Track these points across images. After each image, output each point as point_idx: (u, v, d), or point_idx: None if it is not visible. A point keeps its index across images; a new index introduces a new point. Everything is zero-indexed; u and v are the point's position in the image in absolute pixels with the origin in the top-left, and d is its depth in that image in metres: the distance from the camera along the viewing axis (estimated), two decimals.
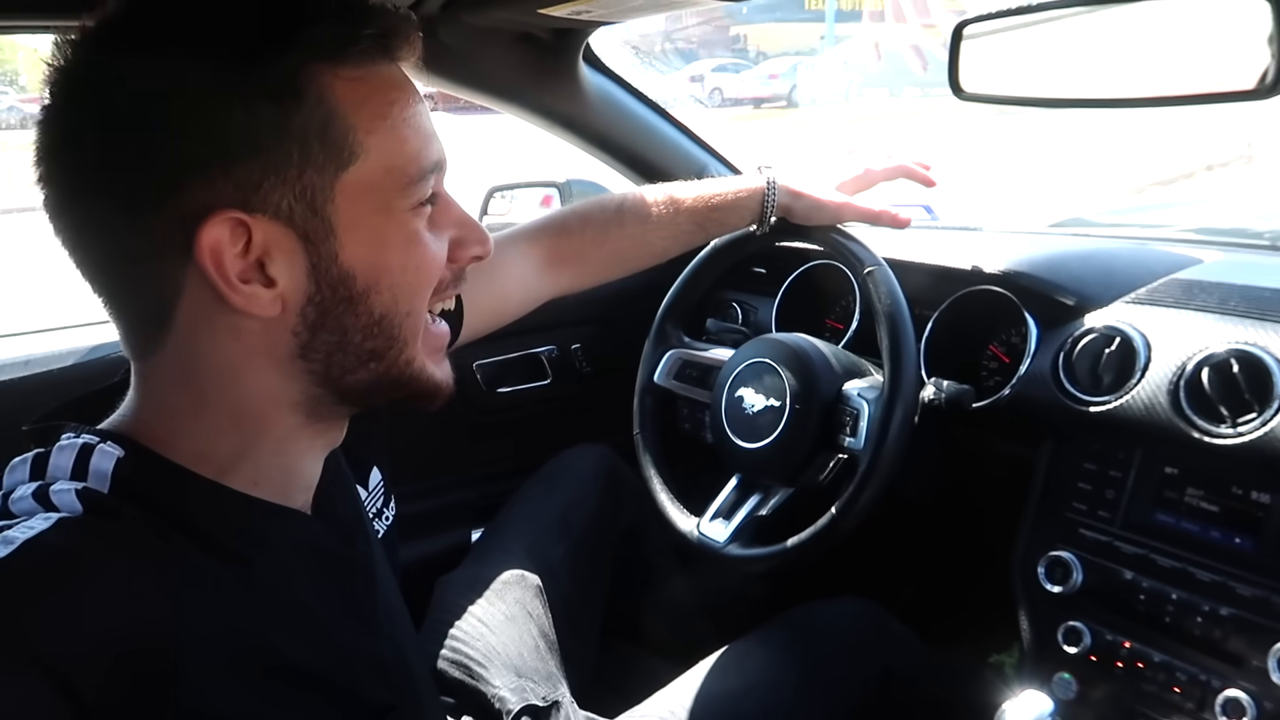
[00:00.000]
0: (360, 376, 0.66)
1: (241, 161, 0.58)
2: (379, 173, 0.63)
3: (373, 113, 0.62)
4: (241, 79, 0.58)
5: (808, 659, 1.21)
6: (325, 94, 0.60)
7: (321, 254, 0.62)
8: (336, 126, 0.60)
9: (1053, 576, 1.09)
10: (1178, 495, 1.04)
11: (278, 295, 0.61)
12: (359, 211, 0.62)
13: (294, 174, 0.59)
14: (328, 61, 0.60)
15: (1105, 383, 1.11)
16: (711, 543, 1.24)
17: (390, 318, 0.66)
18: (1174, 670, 1.00)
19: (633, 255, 1.25)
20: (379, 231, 0.64)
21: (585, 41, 1.42)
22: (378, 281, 0.64)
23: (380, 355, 0.66)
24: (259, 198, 0.59)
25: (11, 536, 0.53)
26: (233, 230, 0.58)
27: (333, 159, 0.61)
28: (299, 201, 0.60)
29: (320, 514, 0.74)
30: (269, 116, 0.58)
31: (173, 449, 0.62)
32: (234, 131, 0.57)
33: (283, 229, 0.60)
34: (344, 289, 0.63)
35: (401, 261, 0.65)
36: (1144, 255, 1.38)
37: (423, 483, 1.63)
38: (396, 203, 0.64)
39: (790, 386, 1.22)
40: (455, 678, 1.14)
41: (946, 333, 1.32)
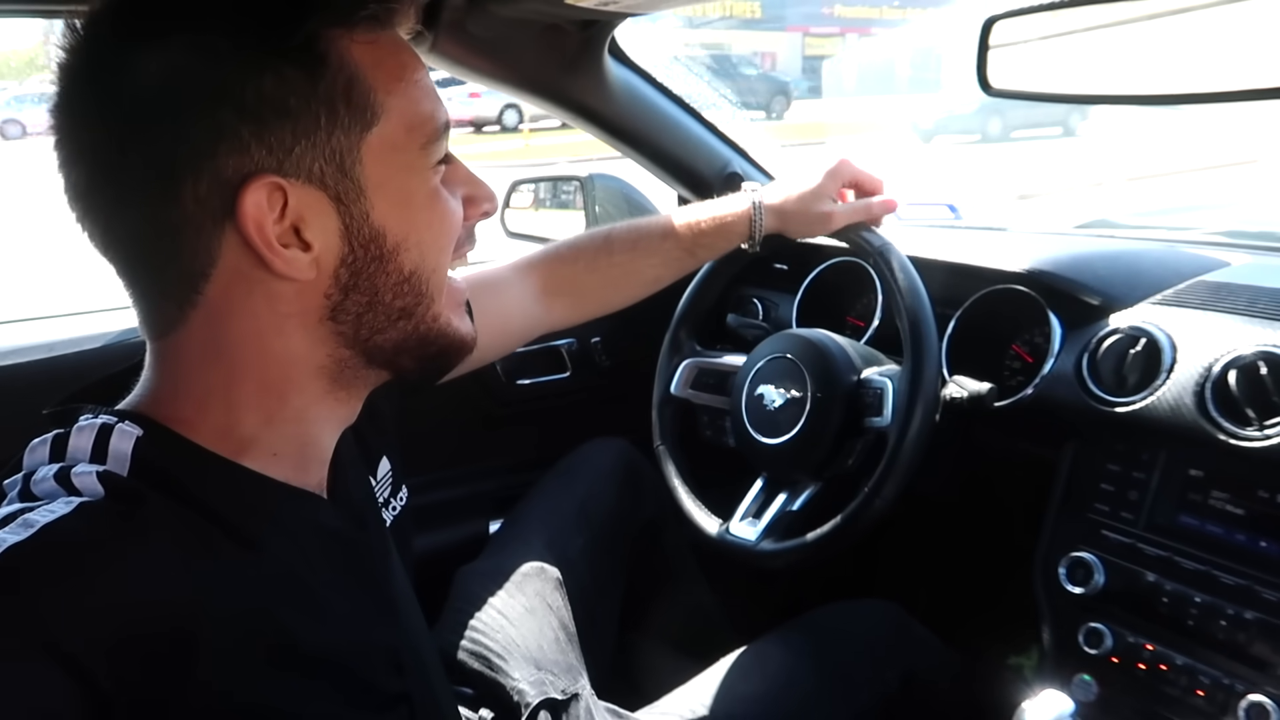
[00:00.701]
0: (390, 336, 0.68)
1: (273, 127, 0.59)
2: (400, 132, 0.65)
3: (389, 74, 0.64)
4: (267, 46, 0.59)
5: (829, 661, 1.21)
6: (345, 58, 0.62)
7: (353, 215, 0.64)
8: (359, 89, 0.62)
9: (1074, 578, 1.09)
10: (1202, 498, 1.03)
11: (314, 258, 0.63)
12: (385, 171, 0.64)
13: (323, 137, 0.61)
14: (344, 26, 0.61)
15: (1130, 383, 1.10)
16: (742, 542, 1.23)
17: (419, 273, 0.68)
18: (1197, 674, 0.99)
19: (625, 284, 1.26)
20: (405, 189, 0.66)
21: (611, 34, 1.42)
22: (406, 238, 0.66)
23: (409, 312, 0.68)
24: (291, 162, 0.60)
25: (32, 520, 0.53)
26: (270, 195, 0.60)
27: (358, 120, 0.62)
28: (329, 164, 0.62)
29: (334, 497, 0.74)
30: (297, 81, 0.59)
31: (192, 427, 0.63)
32: (264, 97, 0.58)
33: (316, 192, 0.62)
34: (375, 248, 0.65)
35: (427, 217, 0.68)
36: (1170, 256, 1.37)
37: (442, 472, 1.64)
38: (418, 161, 0.67)
39: (810, 376, 1.21)
40: (474, 669, 1.15)
41: (969, 331, 1.31)
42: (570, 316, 1.25)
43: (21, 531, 0.52)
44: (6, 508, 0.55)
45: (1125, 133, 8.77)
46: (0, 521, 0.53)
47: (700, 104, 1.65)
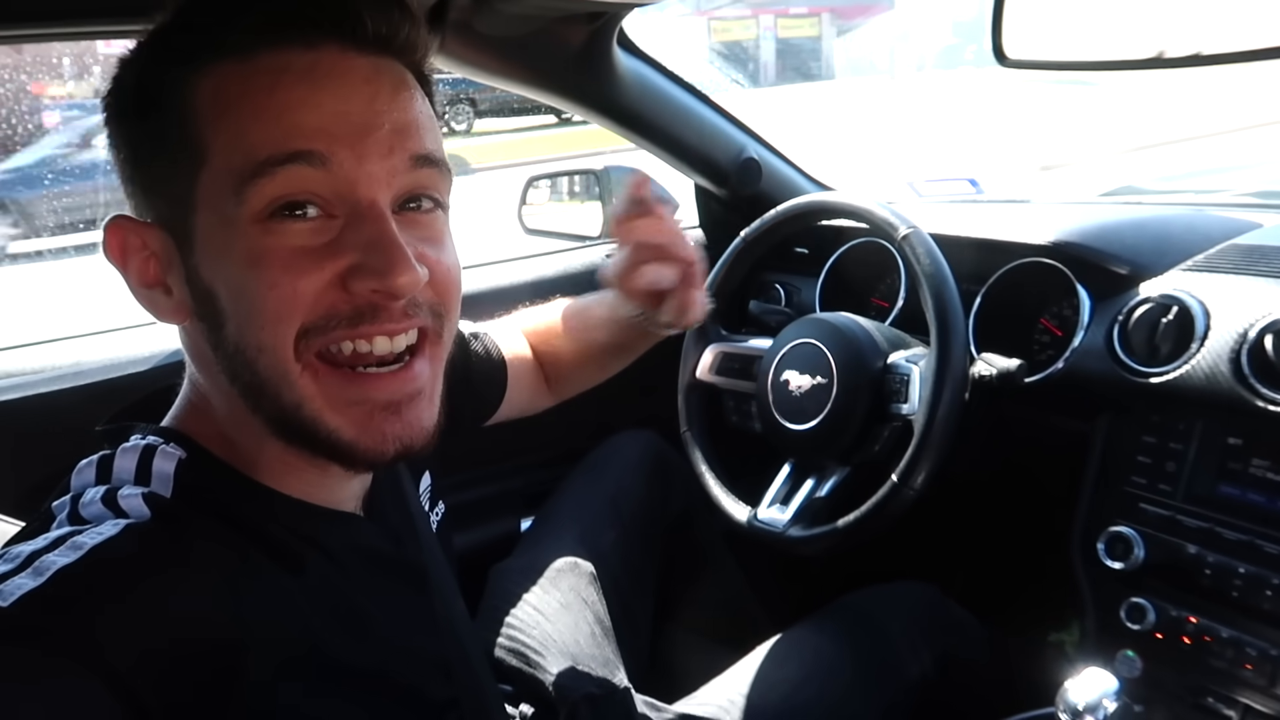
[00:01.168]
0: (262, 414, 0.61)
1: (138, 169, 0.61)
2: (221, 173, 0.57)
3: (223, 107, 0.57)
4: (140, 91, 0.61)
5: (865, 645, 1.20)
6: (187, 96, 0.58)
7: (189, 265, 0.60)
8: (190, 127, 0.58)
9: (1113, 552, 1.07)
10: (1242, 466, 1.01)
11: (177, 304, 0.62)
12: (209, 221, 0.58)
13: (167, 182, 0.60)
14: (193, 65, 0.59)
15: (1163, 353, 1.08)
16: (771, 529, 1.23)
17: (242, 350, 0.59)
18: (1243, 646, 0.97)
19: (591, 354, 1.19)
20: (221, 245, 0.58)
21: (619, 25, 1.41)
22: (227, 306, 0.58)
23: (257, 393, 0.60)
24: (149, 203, 0.61)
25: (80, 542, 0.53)
26: (130, 235, 0.61)
27: (187, 162, 0.58)
28: (175, 208, 0.60)
29: (371, 516, 0.74)
30: (148, 126, 0.60)
31: (228, 449, 0.63)
32: (130, 141, 0.61)
33: (165, 236, 0.61)
34: (208, 305, 0.59)
35: (239, 282, 0.58)
36: (1200, 221, 1.34)
37: (472, 472, 1.64)
38: (235, 210, 0.57)
39: (836, 362, 1.20)
40: (513, 666, 1.15)
41: (995, 307, 1.30)
42: (562, 394, 1.27)
43: (71, 554, 0.52)
44: (56, 530, 0.55)
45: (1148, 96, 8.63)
46: (51, 544, 0.53)
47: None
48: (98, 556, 0.53)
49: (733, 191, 1.70)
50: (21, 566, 0.52)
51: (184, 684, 0.53)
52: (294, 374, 0.59)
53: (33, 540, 0.54)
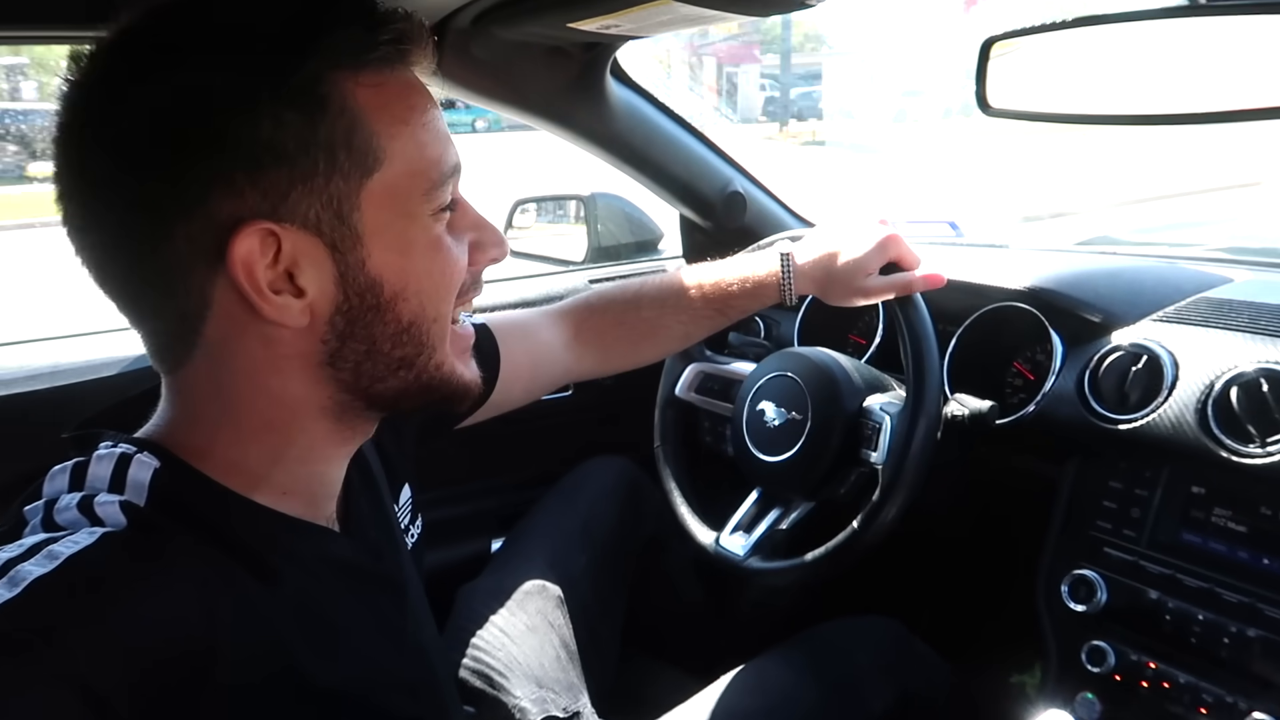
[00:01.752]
0: (390, 384, 0.67)
1: (269, 171, 0.57)
2: (402, 178, 0.63)
3: (394, 118, 0.62)
4: (266, 89, 0.57)
5: (829, 678, 1.21)
6: (348, 101, 0.59)
7: (349, 262, 0.61)
8: (360, 133, 0.60)
9: (1077, 595, 1.09)
10: (1205, 515, 1.03)
11: (307, 305, 0.61)
12: (384, 218, 0.62)
13: (321, 182, 0.59)
14: (348, 69, 0.60)
15: (1132, 401, 1.10)
16: (731, 555, 1.24)
17: (418, 324, 0.66)
18: (1200, 691, 0.98)
19: (654, 339, 1.23)
20: (404, 237, 0.64)
21: (613, 56, 1.43)
22: (405, 288, 0.64)
23: (410, 363, 0.67)
24: (287, 207, 0.58)
25: (56, 551, 0.53)
26: (263, 241, 0.58)
27: (358, 166, 0.60)
28: (326, 210, 0.60)
29: (348, 530, 0.74)
30: (295, 126, 0.57)
31: (206, 460, 0.63)
32: (260, 141, 0.57)
33: (311, 238, 0.60)
34: (371, 297, 0.63)
35: (427, 267, 0.65)
36: (1172, 273, 1.37)
37: (445, 490, 1.64)
38: (419, 208, 0.64)
39: (812, 400, 1.21)
40: (476, 687, 1.15)
41: (970, 349, 1.32)
42: (598, 367, 1.23)
43: (46, 564, 0.52)
44: (31, 538, 0.55)
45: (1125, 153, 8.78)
46: (26, 553, 0.53)
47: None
48: (73, 566, 0.52)
49: (718, 224, 1.72)
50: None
51: (157, 695, 0.52)
52: (449, 335, 0.69)
53: (6, 549, 0.54)
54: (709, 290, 1.18)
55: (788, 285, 1.16)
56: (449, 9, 1.18)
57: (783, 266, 1.16)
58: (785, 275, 1.16)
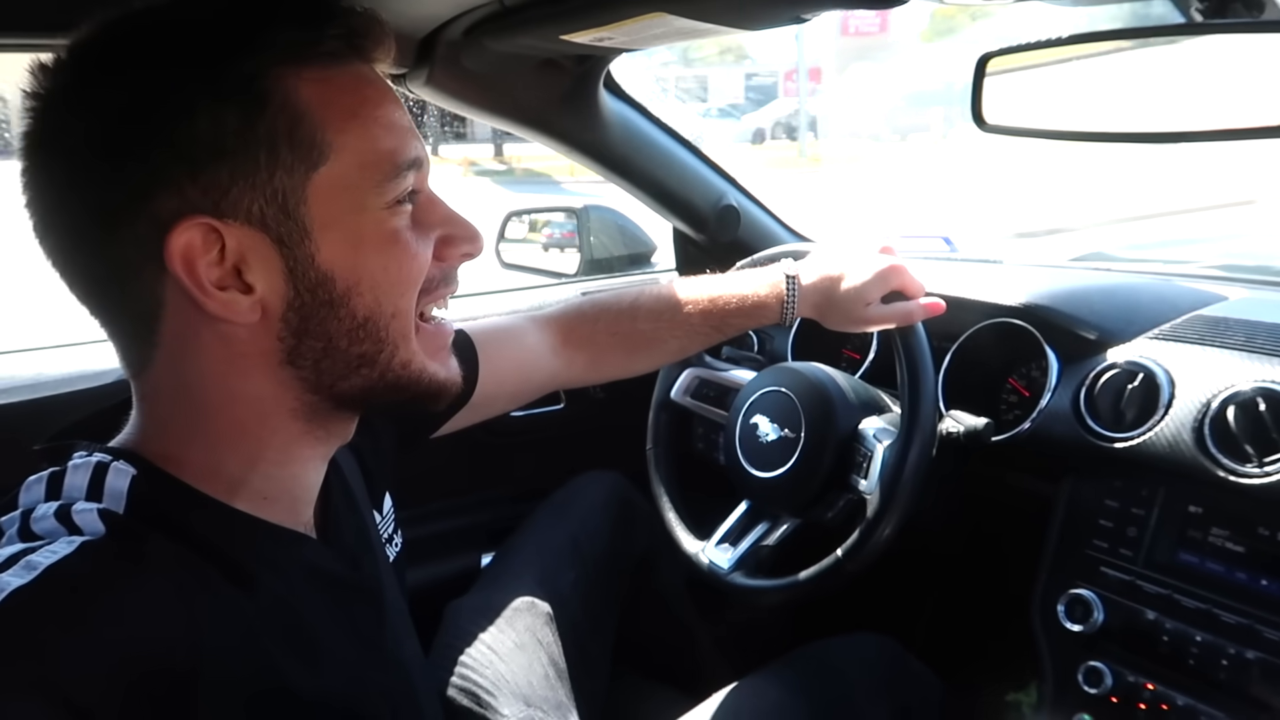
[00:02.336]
0: (354, 383, 0.66)
1: (208, 169, 0.58)
2: (352, 171, 0.62)
3: (343, 111, 0.62)
4: (204, 86, 0.58)
5: (823, 696, 1.19)
6: (290, 96, 0.60)
7: (297, 257, 0.61)
8: (304, 127, 0.60)
9: (1073, 615, 1.08)
10: (1202, 535, 1.02)
11: (256, 301, 0.61)
12: (333, 211, 0.62)
13: (264, 178, 0.59)
14: (290, 64, 0.60)
15: (1128, 419, 1.09)
16: (716, 568, 1.23)
17: (374, 320, 0.65)
18: (1197, 714, 0.97)
19: (646, 351, 1.21)
20: (355, 231, 0.63)
21: (606, 69, 1.42)
22: (358, 283, 0.64)
23: (371, 360, 0.66)
24: (229, 203, 0.59)
25: (35, 562, 0.52)
26: (204, 236, 0.58)
27: (302, 160, 0.60)
28: (270, 205, 0.60)
29: (326, 538, 0.73)
30: (233, 122, 0.58)
31: (181, 466, 0.62)
32: (199, 139, 0.58)
33: (256, 233, 0.60)
34: (323, 292, 0.63)
35: (381, 261, 0.64)
36: (1168, 290, 1.37)
37: (434, 504, 1.63)
38: (371, 200, 0.63)
39: (806, 419, 1.20)
40: (463, 705, 1.13)
41: (965, 365, 1.31)
42: (589, 374, 1.22)
43: (25, 574, 0.51)
44: (8, 548, 0.54)
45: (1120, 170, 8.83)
46: (3, 564, 0.52)
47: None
48: (52, 577, 0.52)
49: (711, 237, 1.72)
50: None
51: (140, 704, 0.52)
52: (413, 332, 0.68)
53: None
54: (706, 306, 1.18)
55: (790, 307, 1.16)
56: (440, 20, 1.17)
57: (788, 288, 1.16)
58: (790, 297, 1.16)
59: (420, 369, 0.69)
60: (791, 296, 1.16)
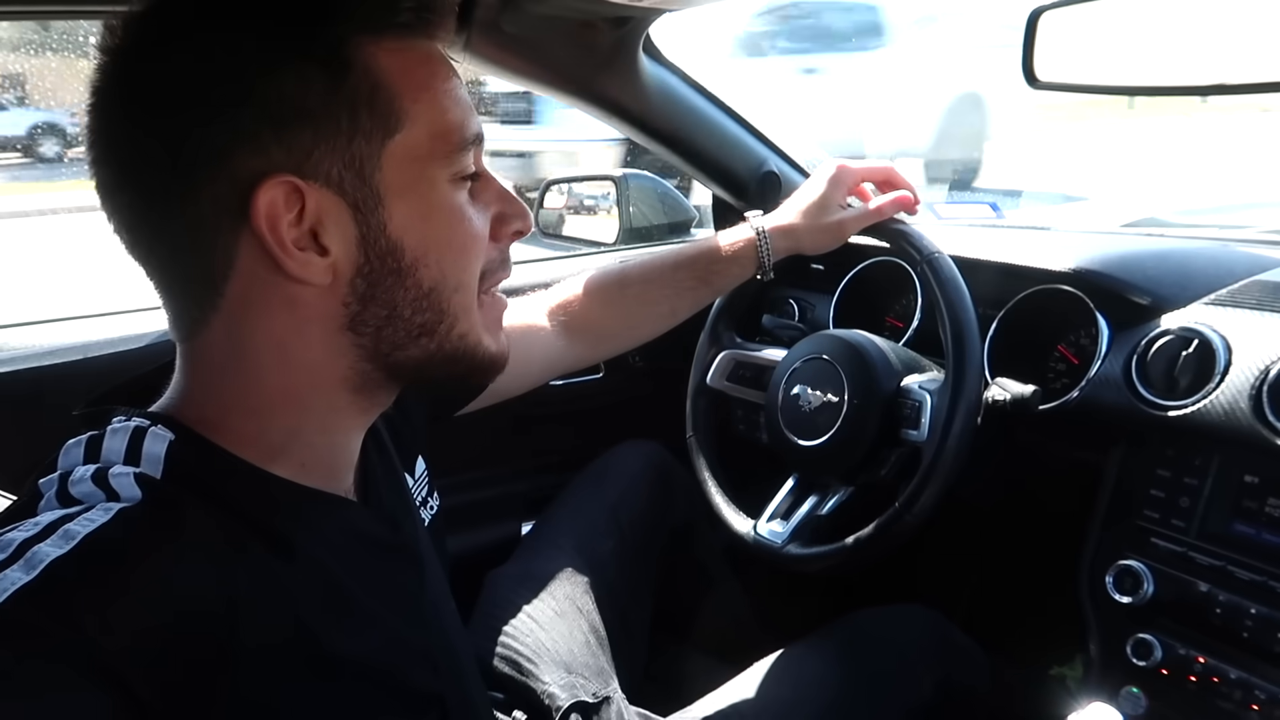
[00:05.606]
0: (412, 353, 0.67)
1: (293, 129, 0.59)
2: (424, 141, 0.63)
3: (417, 83, 0.63)
4: (292, 49, 0.59)
5: (864, 667, 1.18)
6: (371, 64, 0.61)
7: (370, 224, 0.62)
8: (383, 95, 0.61)
9: (1122, 586, 1.05)
10: (1258, 505, 0.99)
11: (330, 264, 0.62)
12: (405, 180, 0.63)
13: (343, 142, 0.60)
14: (371, 34, 0.61)
15: (1181, 386, 1.06)
16: (769, 543, 1.22)
17: (439, 291, 0.66)
18: (1252, 688, 0.95)
19: (642, 318, 1.25)
20: (424, 201, 0.64)
21: (646, 31, 1.40)
22: (425, 254, 0.65)
23: (431, 330, 0.67)
24: (310, 164, 0.59)
25: (73, 531, 0.52)
26: (287, 196, 0.59)
27: (380, 127, 0.61)
28: (348, 169, 0.61)
29: (366, 501, 0.74)
30: (319, 85, 0.59)
31: (221, 433, 0.62)
32: (286, 99, 0.58)
33: (334, 197, 0.61)
34: (392, 260, 0.63)
35: (447, 234, 0.66)
36: (1224, 255, 1.33)
37: (473, 473, 1.63)
38: (439, 172, 0.65)
39: (848, 381, 1.19)
40: (505, 673, 1.14)
41: (1012, 333, 1.28)
42: (589, 354, 1.26)
43: (63, 544, 0.51)
44: (46, 515, 0.54)
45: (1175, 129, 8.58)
46: (42, 532, 0.52)
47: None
48: (90, 546, 0.52)
49: (751, 204, 1.69)
50: (12, 558, 0.51)
51: (177, 670, 0.52)
52: (474, 306, 0.69)
53: (23, 526, 0.53)
54: (688, 263, 1.23)
55: (764, 245, 1.21)
56: None
57: (756, 231, 1.22)
58: (761, 239, 1.21)
59: (477, 341, 0.70)
60: (763, 238, 1.21)
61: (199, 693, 0.53)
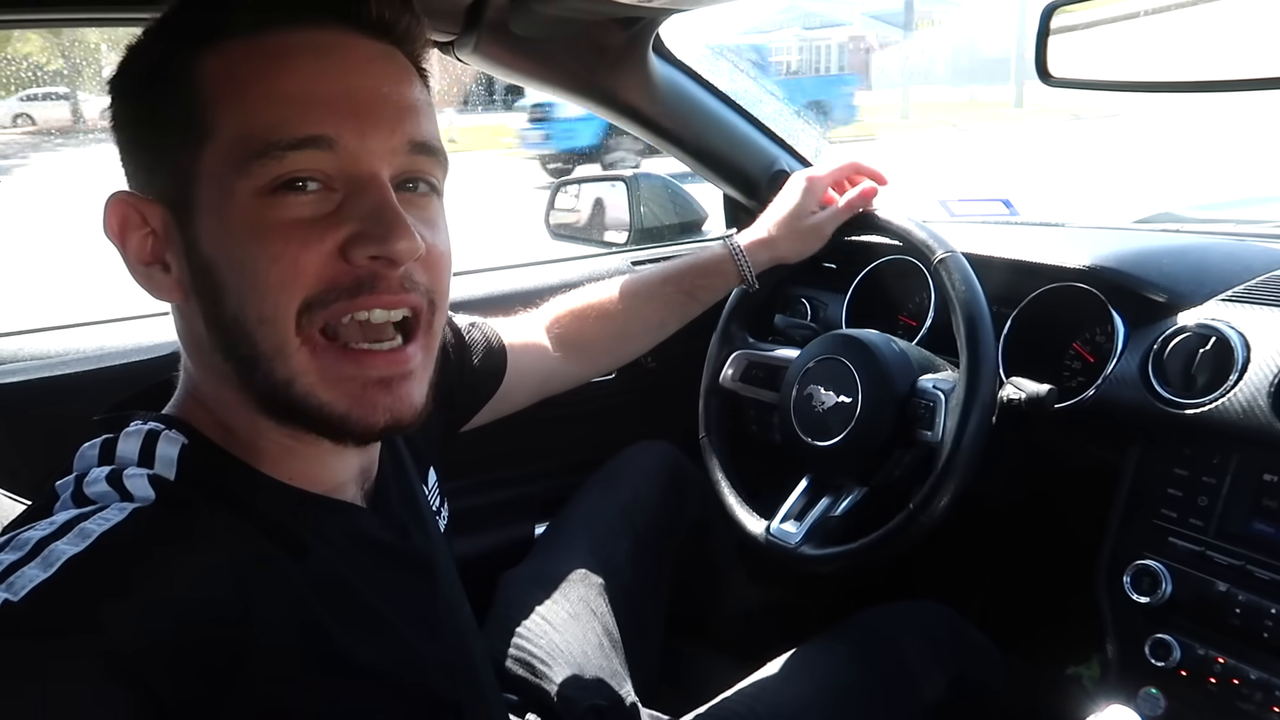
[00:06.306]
0: (257, 389, 0.61)
1: (137, 146, 0.62)
2: (227, 148, 0.58)
3: (234, 86, 0.59)
4: (138, 70, 0.62)
5: (878, 664, 1.18)
6: (193, 72, 0.60)
7: (189, 239, 0.61)
8: (197, 102, 0.59)
9: (1139, 586, 1.04)
10: (1277, 504, 0.98)
11: (175, 281, 0.62)
12: (211, 194, 0.59)
13: (170, 155, 0.60)
14: (203, 39, 0.60)
15: (1199, 384, 1.05)
16: (783, 544, 1.21)
17: (240, 323, 0.59)
18: (1273, 689, 0.94)
19: (633, 333, 1.28)
20: (222, 216, 0.59)
21: (655, 32, 1.40)
22: (226, 278, 0.59)
23: (251, 367, 0.60)
24: (151, 179, 0.61)
25: (88, 530, 0.53)
26: (128, 211, 0.61)
27: (192, 136, 0.59)
28: (173, 181, 0.60)
29: (376, 508, 0.73)
30: (153, 102, 0.61)
31: (230, 438, 0.63)
32: (129, 117, 0.62)
33: (165, 211, 0.61)
34: (207, 280, 0.60)
35: (240, 254, 0.58)
36: (1240, 251, 1.31)
37: (487, 475, 1.63)
38: (241, 184, 0.58)
39: (861, 381, 1.18)
40: (519, 675, 1.14)
41: (1027, 331, 1.27)
42: (582, 372, 1.27)
43: (79, 542, 0.52)
44: (62, 514, 0.55)
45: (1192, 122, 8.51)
46: (58, 531, 0.53)
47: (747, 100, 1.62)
48: (105, 545, 0.52)
49: (761, 203, 1.68)
50: (30, 556, 0.51)
51: (192, 669, 0.52)
52: (291, 347, 0.59)
53: (39, 526, 0.54)
54: (676, 276, 1.28)
55: (742, 258, 1.27)
56: None
57: (729, 249, 1.27)
58: (737, 252, 1.27)
59: (305, 393, 0.61)
60: (739, 254, 1.26)
61: (214, 688, 0.53)
